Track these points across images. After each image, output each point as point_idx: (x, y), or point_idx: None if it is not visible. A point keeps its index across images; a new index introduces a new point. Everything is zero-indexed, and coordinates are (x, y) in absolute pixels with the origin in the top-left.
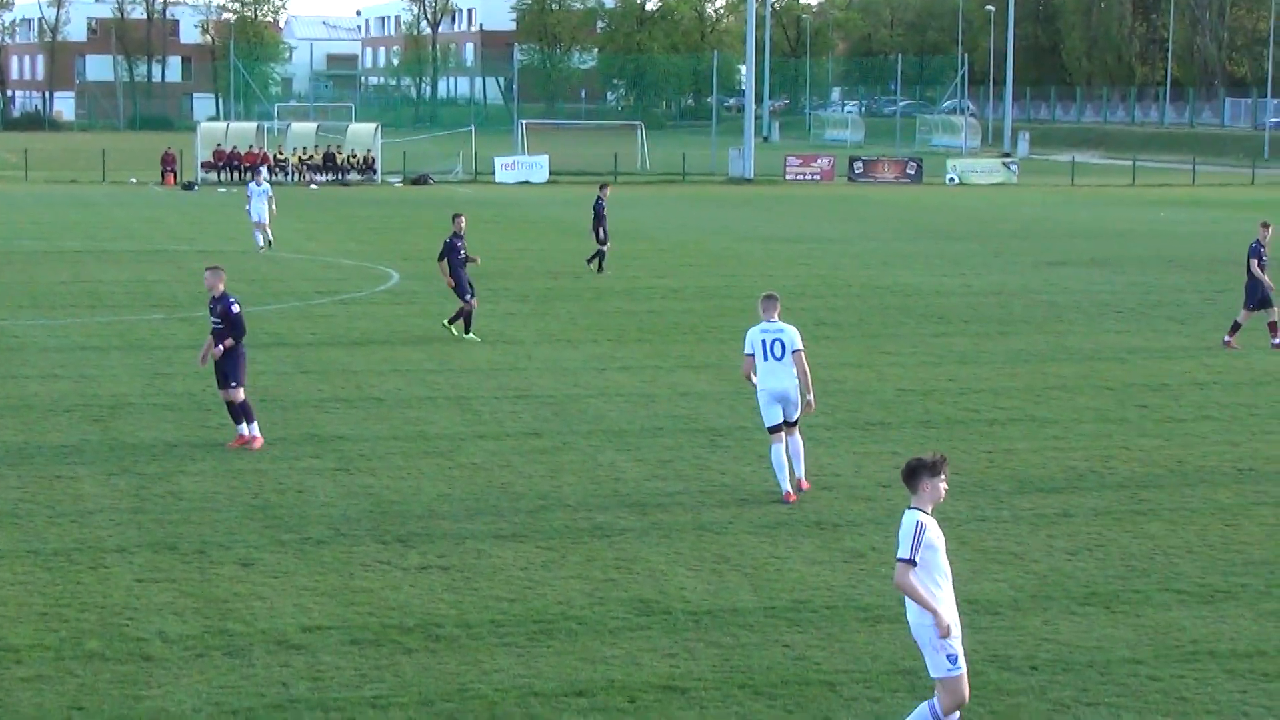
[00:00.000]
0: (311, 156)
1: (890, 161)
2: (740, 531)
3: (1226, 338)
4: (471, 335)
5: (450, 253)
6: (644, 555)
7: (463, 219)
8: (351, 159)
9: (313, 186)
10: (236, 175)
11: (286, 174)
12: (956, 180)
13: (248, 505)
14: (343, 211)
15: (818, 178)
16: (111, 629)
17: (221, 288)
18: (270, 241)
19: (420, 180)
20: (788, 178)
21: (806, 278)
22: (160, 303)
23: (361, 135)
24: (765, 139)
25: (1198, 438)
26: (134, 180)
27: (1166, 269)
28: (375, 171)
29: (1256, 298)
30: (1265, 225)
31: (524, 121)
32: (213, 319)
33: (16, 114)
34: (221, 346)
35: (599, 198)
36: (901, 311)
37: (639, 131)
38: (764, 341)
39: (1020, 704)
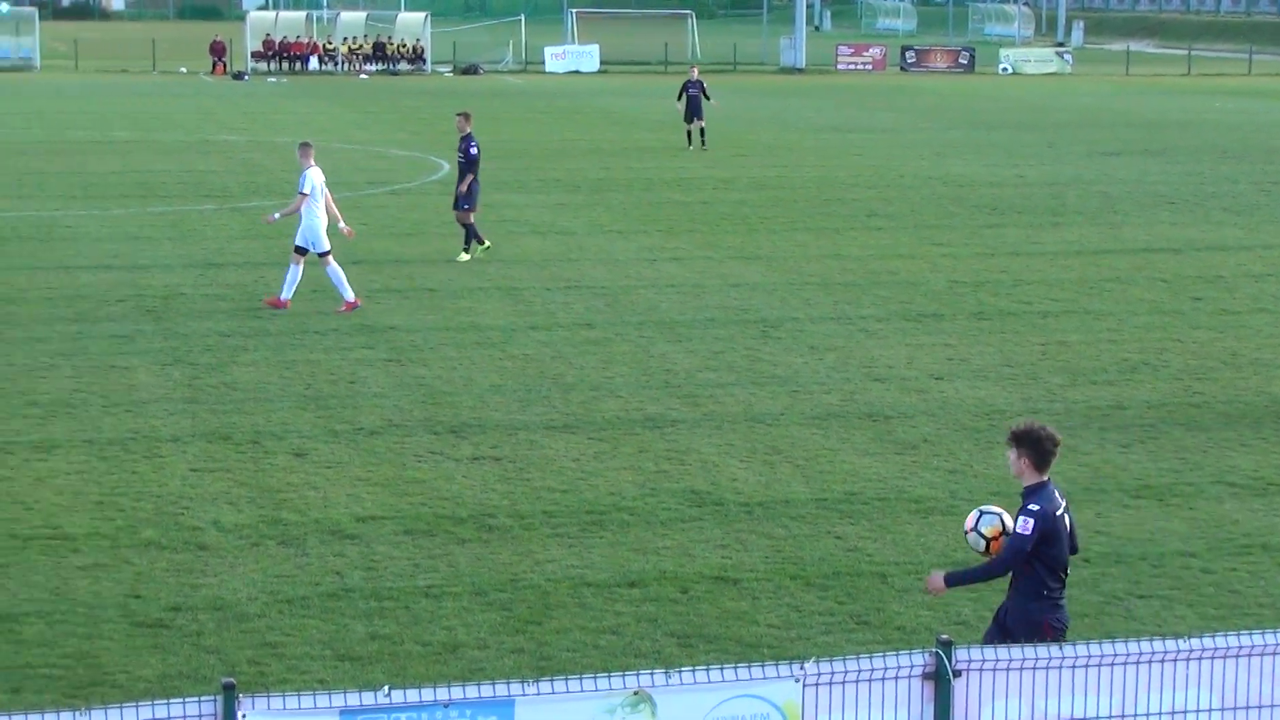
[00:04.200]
0: (361, 46)
1: (943, 51)
2: (792, 423)
3: None
4: (463, 255)
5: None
6: (696, 446)
7: (459, 118)
8: (401, 48)
9: (362, 76)
10: (286, 65)
11: (336, 64)
12: (1010, 70)
13: (301, 396)
14: (393, 101)
15: (869, 67)
16: (167, 518)
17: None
18: None
19: (470, 70)
20: (839, 68)
21: (859, 168)
22: (211, 193)
23: (411, 24)
24: (817, 28)
25: (1252, 330)
26: (184, 70)
27: (1221, 160)
28: (425, 61)
29: None
30: None
31: (574, 10)
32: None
33: (65, 3)
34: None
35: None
36: (954, 202)
37: (690, 21)
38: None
39: (1072, 596)
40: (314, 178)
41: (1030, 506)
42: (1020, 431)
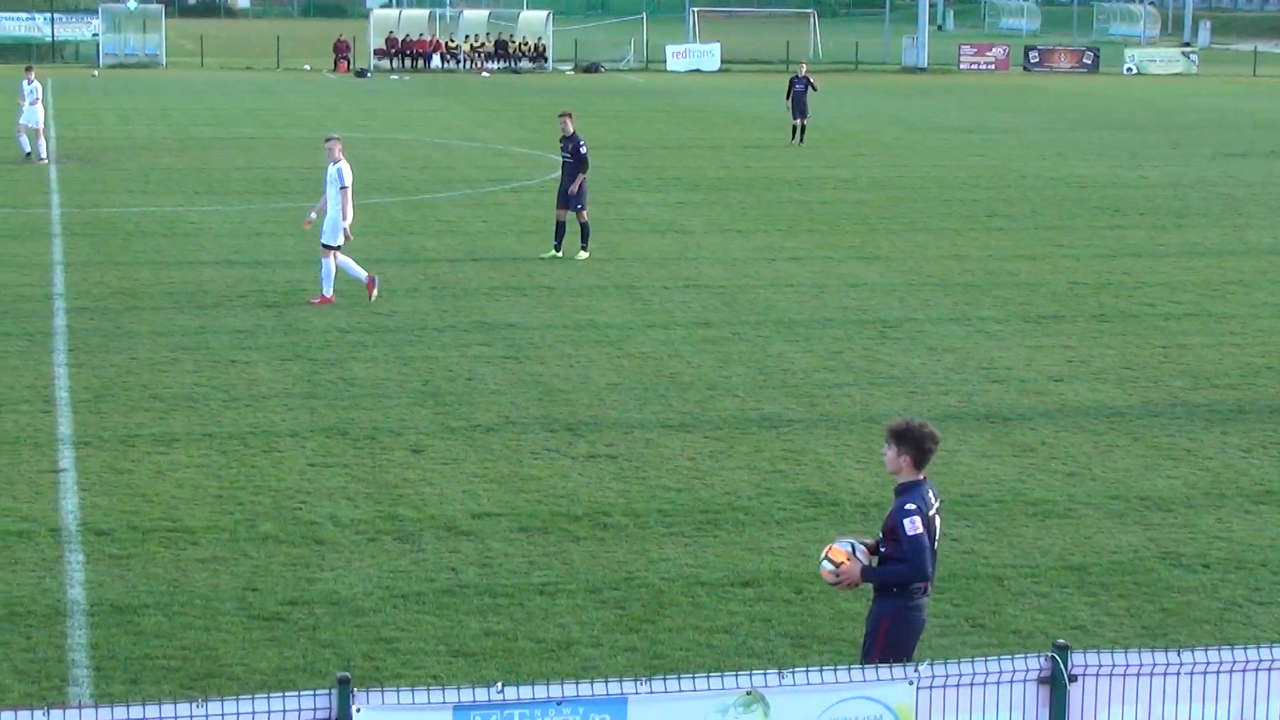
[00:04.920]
0: (483, 44)
1: (1066, 51)
2: None
3: None
4: (582, 253)
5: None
6: (812, 447)
7: (563, 118)
8: (523, 46)
9: (484, 74)
10: (409, 62)
11: (458, 61)
12: (1134, 70)
13: (418, 392)
14: (514, 99)
15: (992, 67)
16: (285, 512)
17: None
18: (37, 153)
19: (591, 68)
20: (962, 67)
21: (980, 169)
22: None
23: (533, 23)
24: (939, 27)
25: None
26: (307, 67)
27: None
28: (546, 59)
29: None
30: None
31: (696, 9)
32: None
33: (191, 0)
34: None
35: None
36: (1076, 203)
37: (812, 20)
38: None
39: (1191, 601)
40: (348, 172)
41: (908, 506)
42: (900, 429)
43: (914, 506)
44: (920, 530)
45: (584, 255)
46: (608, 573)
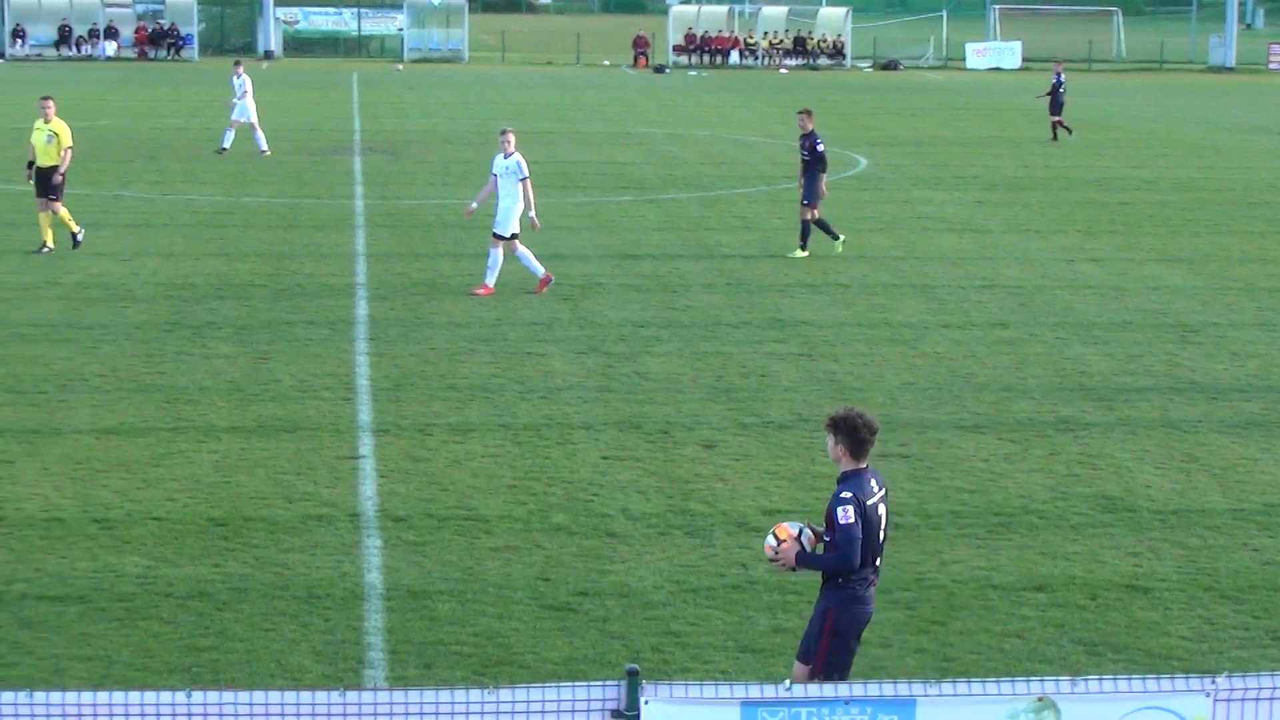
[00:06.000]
0: (781, 41)
1: None
2: (1210, 431)
3: None
4: (799, 251)
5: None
6: (1109, 451)
7: (802, 116)
8: (821, 43)
9: (782, 70)
10: (707, 59)
11: (756, 58)
12: None
13: (711, 387)
14: (811, 96)
15: None
16: (577, 504)
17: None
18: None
19: (890, 66)
20: (1271, 67)
21: None
22: (630, 184)
23: (832, 20)
24: (1248, 26)
25: None
26: (607, 63)
27: None
28: (845, 56)
29: None
30: None
31: (997, 6)
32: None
33: None
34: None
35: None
36: None
37: (1116, 18)
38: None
39: None
40: (525, 163)
41: (843, 495)
42: (838, 418)
43: (849, 495)
44: (852, 520)
45: (803, 254)
46: (899, 573)
